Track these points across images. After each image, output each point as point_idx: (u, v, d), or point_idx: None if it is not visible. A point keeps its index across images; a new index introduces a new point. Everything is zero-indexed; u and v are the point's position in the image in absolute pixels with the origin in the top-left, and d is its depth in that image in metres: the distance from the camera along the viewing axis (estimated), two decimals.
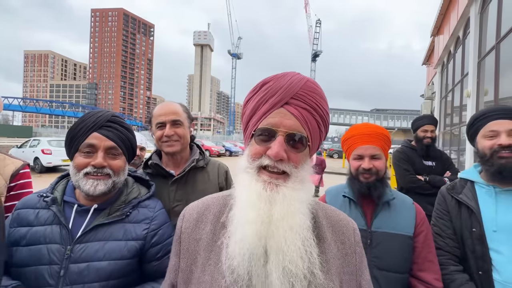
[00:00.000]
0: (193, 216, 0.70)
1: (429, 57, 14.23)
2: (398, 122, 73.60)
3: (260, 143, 0.62)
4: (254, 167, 0.61)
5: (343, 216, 0.72)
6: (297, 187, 0.60)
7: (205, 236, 0.66)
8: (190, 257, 0.66)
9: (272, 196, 0.58)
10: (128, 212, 1.01)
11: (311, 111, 0.63)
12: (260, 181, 0.60)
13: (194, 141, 1.54)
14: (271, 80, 0.65)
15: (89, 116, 1.01)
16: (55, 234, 0.92)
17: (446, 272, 1.21)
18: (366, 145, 1.23)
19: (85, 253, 0.90)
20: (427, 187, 2.48)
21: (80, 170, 0.96)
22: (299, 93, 0.62)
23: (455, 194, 1.29)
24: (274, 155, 0.58)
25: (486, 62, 6.23)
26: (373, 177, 1.20)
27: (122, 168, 1.03)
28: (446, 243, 1.26)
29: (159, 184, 1.33)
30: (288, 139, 0.60)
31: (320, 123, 0.65)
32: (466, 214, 1.23)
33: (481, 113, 1.27)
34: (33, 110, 55.36)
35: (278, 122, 0.61)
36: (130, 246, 0.96)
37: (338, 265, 0.63)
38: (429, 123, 2.60)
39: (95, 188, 0.95)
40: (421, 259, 1.15)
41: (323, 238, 0.64)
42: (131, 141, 1.07)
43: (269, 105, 0.62)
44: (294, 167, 0.60)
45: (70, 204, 0.99)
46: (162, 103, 1.46)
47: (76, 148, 0.98)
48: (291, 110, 0.62)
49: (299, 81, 0.63)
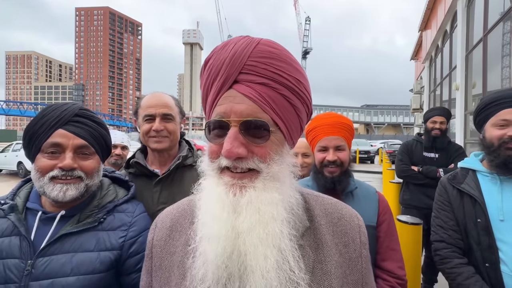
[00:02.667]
0: (167, 225, 0.58)
1: (417, 52, 14.42)
2: (388, 117, 74.95)
3: (214, 139, 0.49)
4: (214, 169, 0.49)
5: (346, 211, 0.58)
6: (268, 186, 0.47)
7: (180, 248, 0.54)
8: (164, 276, 0.54)
9: (236, 201, 0.46)
10: (101, 219, 0.89)
11: (271, 85, 0.47)
12: (222, 184, 0.47)
13: (184, 138, 1.40)
14: (212, 55, 0.50)
15: (52, 110, 0.86)
16: (13, 247, 0.79)
17: (451, 265, 1.17)
18: (331, 136, 1.19)
19: (49, 268, 0.78)
20: (419, 177, 2.58)
21: (45, 174, 0.82)
22: (248, 64, 0.47)
23: (457, 184, 1.24)
24: (226, 154, 0.45)
25: (474, 55, 6.31)
26: (337, 170, 1.18)
27: (96, 169, 0.91)
28: (449, 235, 1.21)
29: (142, 184, 1.20)
30: (244, 129, 0.46)
31: (291, 97, 0.49)
32: (469, 205, 1.18)
33: (493, 99, 1.17)
34: (17, 113, 53.43)
35: (227, 110, 0.47)
36: (104, 257, 0.83)
37: (340, 275, 0.51)
38: (438, 114, 2.59)
39: (65, 193, 0.82)
40: (384, 249, 1.11)
41: (322, 243, 0.52)
42: (104, 138, 0.94)
43: (215, 89, 0.49)
44: (262, 162, 0.47)
45: (33, 212, 0.86)
46: (152, 93, 1.29)
47: (38, 148, 0.84)
48: (242, 90, 0.47)
49: (246, 48, 0.47)
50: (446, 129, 2.58)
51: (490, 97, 1.20)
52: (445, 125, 2.56)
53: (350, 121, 1.26)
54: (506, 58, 4.75)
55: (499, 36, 5.08)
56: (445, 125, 2.56)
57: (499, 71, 5.13)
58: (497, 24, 5.08)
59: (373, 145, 20.53)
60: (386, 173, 5.32)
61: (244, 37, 0.50)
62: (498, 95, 1.17)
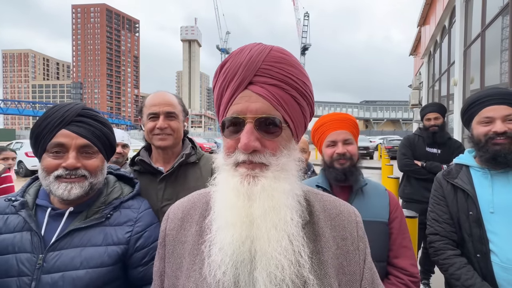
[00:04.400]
0: (178, 216, 0.63)
1: (416, 48, 14.40)
2: (387, 113, 74.90)
3: (230, 135, 0.54)
4: (229, 164, 0.54)
5: (345, 208, 0.63)
6: (278, 176, 0.52)
7: (191, 238, 0.59)
8: (176, 262, 0.59)
9: (250, 190, 0.50)
10: (108, 214, 0.92)
11: (282, 86, 0.53)
12: (237, 176, 0.52)
13: (187, 136, 1.43)
14: (228, 59, 0.56)
15: (55, 110, 0.89)
16: (25, 242, 0.82)
17: (444, 256, 1.22)
18: (338, 130, 1.22)
19: (60, 262, 0.81)
20: (422, 172, 2.60)
21: (50, 173, 0.85)
22: (263, 68, 0.52)
23: (451, 179, 1.29)
24: (243, 147, 0.50)
25: (472, 50, 6.32)
26: (348, 163, 1.19)
27: (100, 168, 0.93)
28: (443, 228, 1.26)
29: (147, 182, 1.23)
30: (258, 125, 0.52)
31: (298, 98, 0.55)
32: (462, 198, 1.23)
33: (475, 98, 1.24)
34: (15, 112, 53.13)
35: (244, 108, 0.52)
36: (111, 251, 0.87)
37: (337, 265, 0.55)
38: (431, 111, 2.63)
39: (69, 192, 0.85)
40: (396, 246, 1.12)
41: (320, 235, 0.56)
42: (107, 137, 0.96)
43: (231, 90, 0.54)
44: (272, 155, 0.52)
45: (43, 208, 0.89)
46: (156, 92, 1.33)
47: (43, 148, 0.87)
48: (256, 90, 0.52)
49: (261, 53, 0.53)
50: (443, 123, 2.62)
51: (473, 97, 1.27)
52: (440, 120, 2.60)
53: (355, 118, 1.29)
54: (504, 53, 4.77)
55: (496, 32, 5.09)
56: (441, 119, 2.60)
57: (496, 66, 5.15)
58: (494, 20, 5.08)
59: (372, 141, 20.57)
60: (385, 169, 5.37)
61: (258, 44, 0.56)
62: (479, 94, 1.24)
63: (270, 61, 0.53)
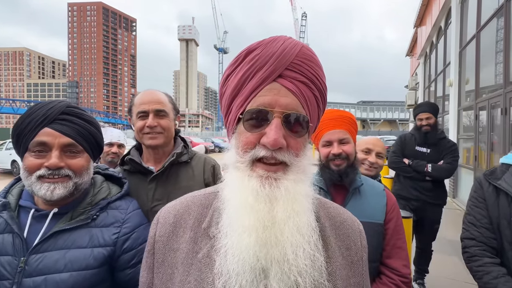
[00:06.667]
0: (170, 221, 0.57)
1: (413, 48, 14.48)
2: (384, 113, 75.36)
3: (251, 129, 0.49)
4: (246, 161, 0.49)
5: (347, 216, 0.60)
6: (299, 178, 0.49)
7: (184, 245, 0.53)
8: (166, 272, 0.53)
9: (272, 193, 0.47)
10: (94, 215, 0.89)
11: (309, 85, 0.51)
12: (255, 177, 0.48)
13: (179, 135, 1.40)
14: (258, 47, 0.51)
15: (38, 108, 0.86)
16: (6, 244, 0.79)
17: (480, 263, 1.11)
18: (333, 129, 1.18)
19: (42, 265, 0.78)
20: (407, 170, 2.69)
21: (32, 172, 0.82)
22: (294, 62, 0.50)
23: (494, 180, 1.17)
24: (272, 143, 0.46)
25: (467, 51, 6.36)
26: (344, 163, 1.15)
27: (85, 168, 0.90)
28: (480, 233, 1.16)
29: (137, 182, 1.20)
30: (286, 121, 0.48)
31: (319, 99, 0.54)
32: (505, 202, 1.11)
33: None
34: (10, 111, 52.42)
35: (272, 101, 0.48)
36: (97, 253, 0.84)
37: (344, 276, 0.52)
38: (423, 111, 2.66)
39: (52, 192, 0.82)
40: (390, 246, 1.11)
41: (327, 244, 0.53)
42: (94, 135, 0.93)
43: (258, 80, 0.49)
44: (295, 156, 0.49)
45: (26, 209, 0.86)
46: (145, 90, 1.30)
47: (25, 147, 0.84)
48: (286, 84, 0.49)
49: (294, 47, 0.50)
50: (435, 123, 2.64)
51: None
52: (432, 120, 2.62)
53: (351, 114, 1.24)
54: (499, 54, 4.81)
55: (491, 33, 5.13)
56: (433, 119, 2.62)
57: (491, 68, 5.19)
58: (489, 21, 5.12)
59: None
60: None
61: (289, 37, 0.53)
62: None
63: (302, 57, 0.51)
